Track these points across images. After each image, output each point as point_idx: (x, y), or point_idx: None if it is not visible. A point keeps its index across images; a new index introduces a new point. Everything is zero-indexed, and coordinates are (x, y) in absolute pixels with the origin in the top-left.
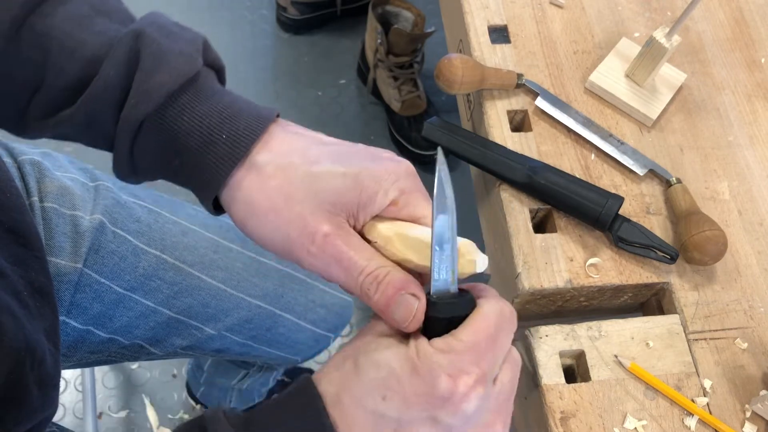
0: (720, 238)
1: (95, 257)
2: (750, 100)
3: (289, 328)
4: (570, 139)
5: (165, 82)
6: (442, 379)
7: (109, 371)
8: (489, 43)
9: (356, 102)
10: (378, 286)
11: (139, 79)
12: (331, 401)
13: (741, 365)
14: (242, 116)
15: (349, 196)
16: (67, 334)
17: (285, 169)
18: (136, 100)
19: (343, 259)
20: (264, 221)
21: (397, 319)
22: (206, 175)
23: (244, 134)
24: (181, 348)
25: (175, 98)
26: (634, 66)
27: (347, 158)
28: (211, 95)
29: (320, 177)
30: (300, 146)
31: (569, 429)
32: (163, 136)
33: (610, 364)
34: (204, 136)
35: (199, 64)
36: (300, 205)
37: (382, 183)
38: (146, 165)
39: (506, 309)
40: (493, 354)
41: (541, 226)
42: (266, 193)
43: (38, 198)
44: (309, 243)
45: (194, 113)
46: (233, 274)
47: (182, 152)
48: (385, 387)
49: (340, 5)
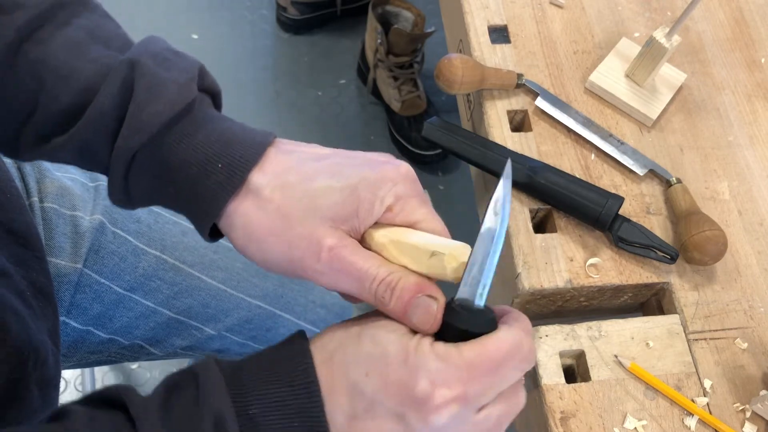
0: (720, 238)
1: (95, 257)
2: (750, 100)
3: (289, 329)
4: (570, 139)
5: (159, 112)
6: (423, 381)
7: (109, 371)
8: (489, 43)
9: (356, 102)
10: (392, 292)
11: (132, 110)
12: (324, 358)
13: (741, 365)
14: (238, 143)
15: (348, 209)
16: (67, 334)
17: (282, 190)
18: (130, 131)
19: (352, 271)
20: (265, 245)
21: (416, 322)
22: (203, 205)
23: (241, 162)
24: (181, 348)
25: (169, 128)
26: (634, 66)
27: (343, 170)
28: (206, 123)
29: (318, 194)
30: (294, 164)
31: (569, 429)
32: (157, 167)
33: (610, 364)
34: (200, 166)
35: (194, 93)
36: (300, 225)
37: (378, 191)
38: (141, 193)
39: (525, 344)
40: (489, 381)
41: (541, 226)
42: (265, 217)
43: (38, 198)
44: (315, 261)
45: (189, 143)
46: (233, 274)
47: (178, 182)
48: (372, 364)
49: (340, 5)
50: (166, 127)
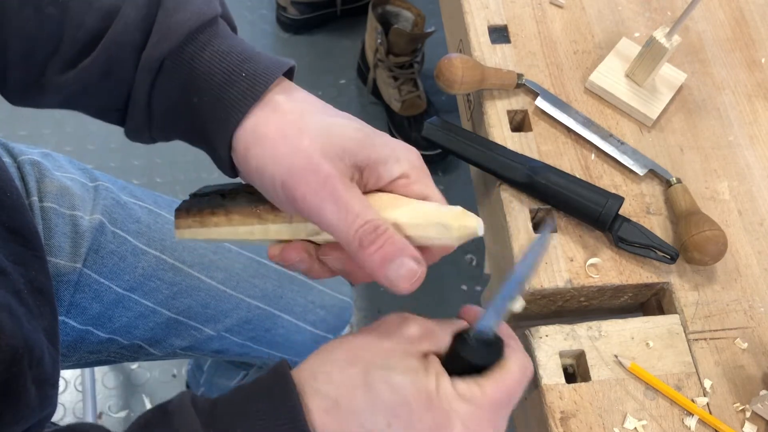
0: (720, 238)
1: (95, 257)
2: (750, 100)
3: (288, 329)
4: (570, 139)
5: (186, 19)
6: (457, 428)
7: (109, 371)
8: (489, 43)
9: (356, 102)
10: (377, 238)
11: (161, 18)
12: (326, 405)
13: (741, 365)
14: (261, 58)
15: (363, 148)
16: (67, 334)
17: (301, 110)
18: (158, 37)
19: (341, 202)
20: (270, 148)
21: (394, 279)
22: (224, 113)
23: (264, 74)
24: (180, 348)
25: (195, 36)
26: (634, 66)
27: (363, 123)
28: (229, 38)
29: (335, 124)
30: (318, 102)
31: (569, 429)
32: (183, 75)
33: (610, 364)
34: (223, 74)
35: (217, 9)
36: (310, 140)
37: (395, 152)
38: (162, 112)
39: (529, 368)
40: (507, 412)
41: (541, 226)
42: (279, 124)
43: (38, 198)
44: (310, 175)
45: (214, 52)
46: (232, 274)
47: (201, 90)
48: (394, 414)
49: (340, 5)
50: (193, 34)
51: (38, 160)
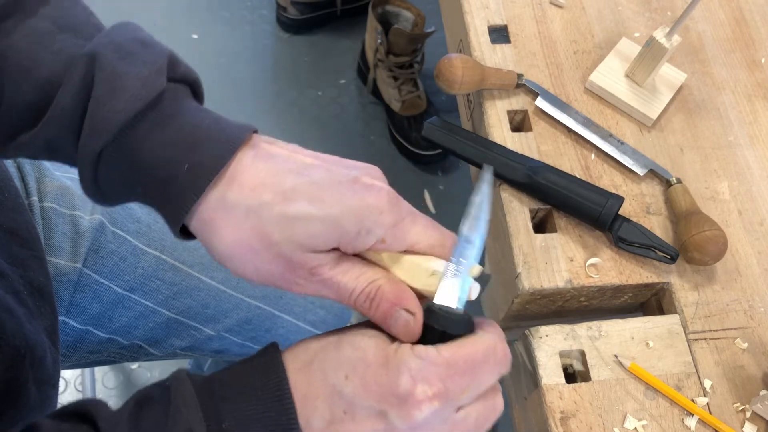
0: (720, 238)
1: (95, 257)
2: (750, 100)
3: (288, 329)
4: (570, 139)
5: (119, 110)
6: (404, 377)
7: (109, 371)
8: (489, 43)
9: (356, 102)
10: (371, 303)
11: (92, 108)
12: (300, 366)
13: (741, 365)
14: (207, 142)
15: (330, 239)
16: (67, 334)
17: (257, 211)
18: (91, 129)
19: (332, 286)
20: (245, 263)
21: (394, 332)
22: (170, 208)
23: (208, 164)
24: (180, 349)
25: (132, 126)
26: (634, 66)
27: (325, 195)
28: (175, 119)
29: (296, 221)
30: (272, 178)
31: (569, 429)
32: (124, 167)
33: (610, 364)
34: (165, 168)
35: (160, 86)
36: (278, 247)
37: (363, 223)
38: (112, 192)
39: (500, 348)
40: (467, 381)
41: (541, 226)
42: (241, 236)
43: (38, 198)
44: (295, 277)
45: (155, 142)
46: (232, 274)
47: (144, 183)
48: (352, 367)
49: (340, 5)
50: (129, 125)
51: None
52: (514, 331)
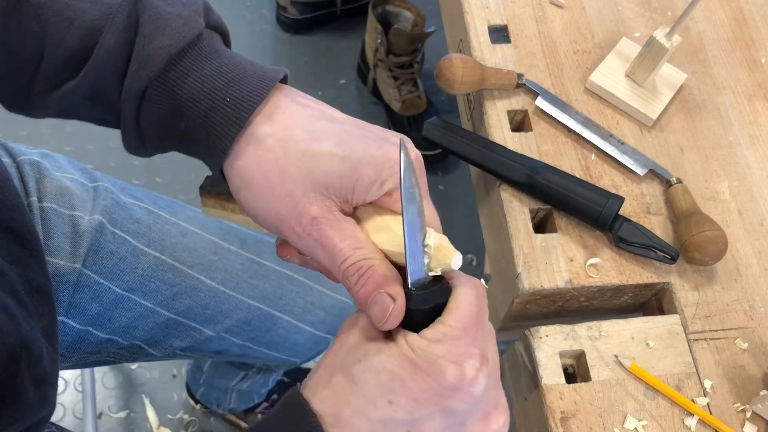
0: (720, 238)
1: (94, 258)
2: (750, 100)
3: (288, 330)
4: (570, 139)
5: (165, 45)
6: (449, 368)
7: (109, 371)
8: (489, 43)
9: (356, 102)
10: (359, 278)
11: (139, 45)
12: (330, 421)
13: (741, 365)
14: (246, 79)
15: (345, 181)
16: (66, 334)
17: (285, 144)
18: (138, 65)
19: (328, 245)
20: (256, 195)
21: (372, 316)
22: (212, 141)
23: (248, 98)
24: (180, 349)
25: (176, 62)
26: (635, 66)
27: (352, 140)
28: (214, 58)
29: (319, 157)
30: (305, 120)
31: (569, 429)
32: (167, 102)
33: (610, 364)
34: (208, 100)
35: (200, 26)
36: (293, 183)
37: (382, 172)
38: (153, 133)
39: (480, 287)
40: (482, 332)
41: (541, 226)
42: (262, 167)
43: (37, 198)
44: (296, 223)
45: (197, 76)
46: (232, 275)
47: (187, 117)
48: (390, 391)
49: (340, 5)
50: (173, 60)
51: (38, 160)
52: (514, 331)
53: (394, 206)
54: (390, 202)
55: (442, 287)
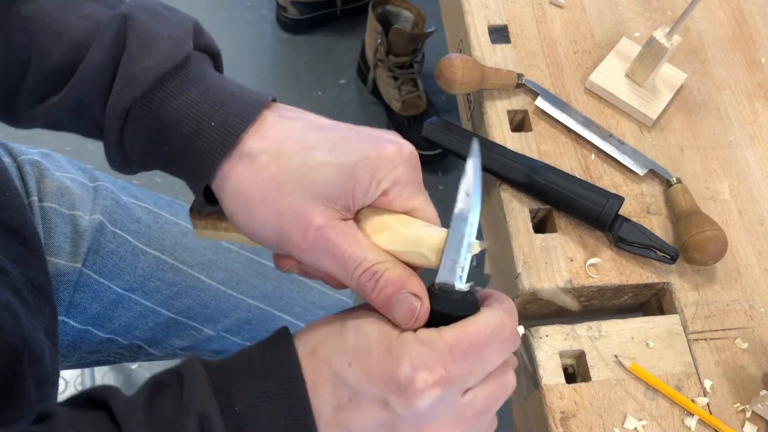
0: (720, 238)
1: (95, 257)
2: (750, 100)
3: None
4: (570, 139)
5: (152, 66)
6: (405, 366)
7: (109, 371)
8: (489, 43)
9: (356, 102)
10: (376, 283)
11: (125, 64)
12: (307, 352)
13: (741, 365)
14: (233, 102)
15: (345, 189)
16: (66, 333)
17: (278, 158)
18: (122, 85)
19: (338, 253)
20: (254, 214)
21: (398, 318)
22: (196, 165)
23: (235, 121)
24: (180, 349)
25: (162, 83)
26: (635, 66)
27: (345, 145)
28: (201, 81)
29: (314, 168)
30: (296, 132)
31: (569, 429)
32: (151, 124)
33: (610, 364)
34: (193, 124)
35: (188, 48)
36: (292, 197)
37: (377, 173)
38: (137, 154)
39: (507, 325)
40: (471, 363)
41: (541, 226)
42: (257, 184)
43: (37, 198)
44: (301, 238)
45: (182, 100)
46: (232, 275)
47: (171, 141)
48: (355, 354)
49: (340, 5)
50: (159, 82)
51: (38, 160)
52: None
53: (391, 205)
54: (387, 202)
55: (467, 302)
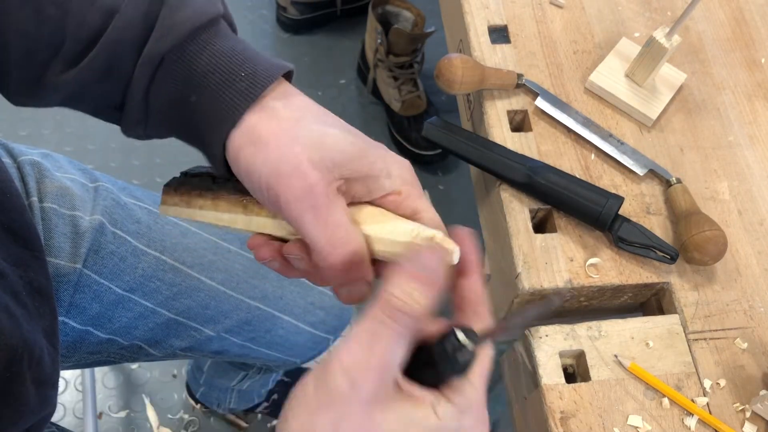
0: (720, 238)
1: (95, 258)
2: (750, 100)
3: (288, 330)
4: (570, 139)
5: (189, 17)
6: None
7: (109, 371)
8: (489, 43)
9: (356, 102)
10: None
11: (164, 14)
12: None
13: (741, 365)
14: (261, 60)
15: (355, 163)
16: (66, 334)
17: (298, 118)
18: (161, 33)
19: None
20: (261, 150)
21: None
22: (220, 114)
23: (262, 76)
24: (180, 349)
25: (196, 35)
26: (634, 66)
27: (359, 134)
28: (230, 38)
29: (330, 135)
30: (314, 107)
31: (569, 429)
32: (182, 72)
33: (610, 364)
34: (223, 74)
35: (221, 8)
36: (301, 147)
37: (389, 167)
38: (160, 106)
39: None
40: None
41: (541, 226)
42: (273, 129)
43: (38, 198)
44: (295, 181)
45: (215, 51)
46: (232, 275)
47: (200, 89)
48: None
49: (340, 5)
50: (195, 32)
51: (38, 160)
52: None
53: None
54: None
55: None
